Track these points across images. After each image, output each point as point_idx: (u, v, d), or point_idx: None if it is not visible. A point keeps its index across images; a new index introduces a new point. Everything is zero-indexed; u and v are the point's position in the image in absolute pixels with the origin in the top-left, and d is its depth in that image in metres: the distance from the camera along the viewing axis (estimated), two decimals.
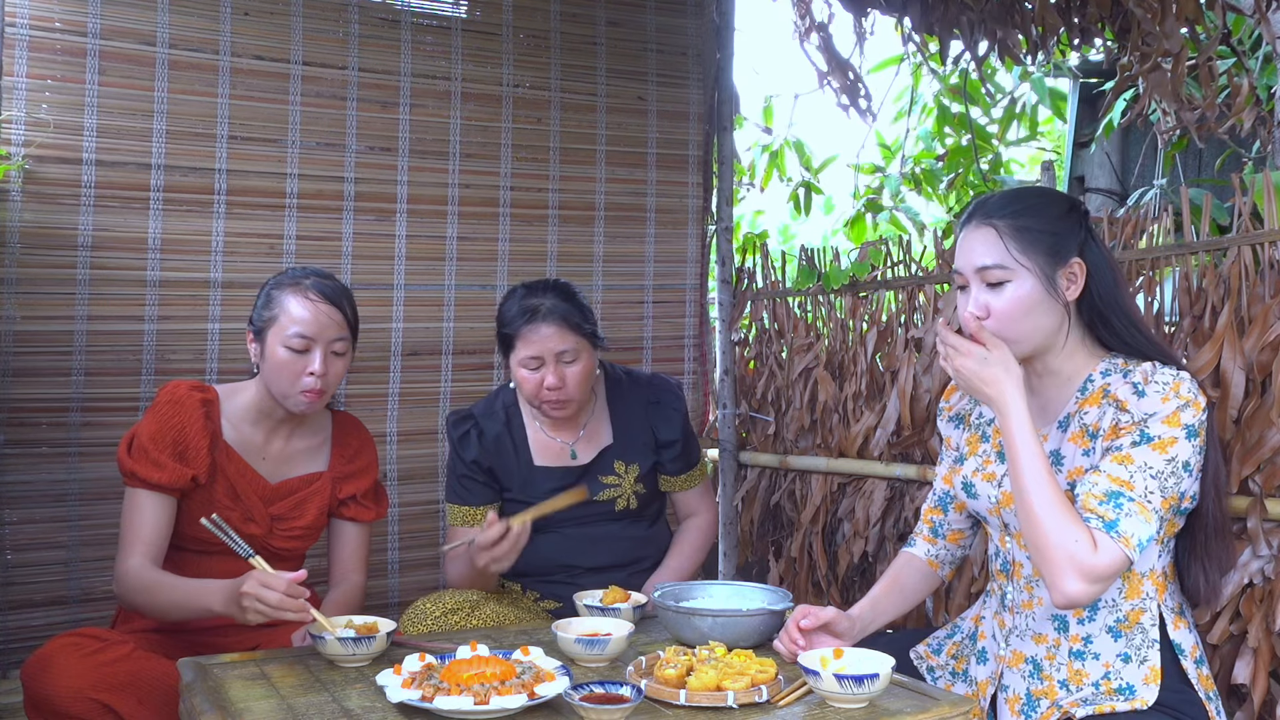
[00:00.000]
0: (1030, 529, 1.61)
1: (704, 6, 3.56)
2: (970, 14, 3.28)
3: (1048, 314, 1.73)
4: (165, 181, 2.84)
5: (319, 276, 2.22)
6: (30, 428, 2.72)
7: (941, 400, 2.08)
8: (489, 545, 2.13)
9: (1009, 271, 1.72)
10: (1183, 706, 1.68)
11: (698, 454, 2.55)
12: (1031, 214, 1.74)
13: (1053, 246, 1.72)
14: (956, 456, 2.02)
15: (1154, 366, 1.69)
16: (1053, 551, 1.58)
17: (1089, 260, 1.74)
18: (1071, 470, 1.73)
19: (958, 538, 2.05)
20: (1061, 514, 1.59)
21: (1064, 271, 1.73)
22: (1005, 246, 1.72)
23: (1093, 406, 1.74)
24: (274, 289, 2.20)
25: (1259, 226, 2.22)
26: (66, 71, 2.72)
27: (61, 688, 1.89)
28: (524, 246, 3.30)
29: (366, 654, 1.81)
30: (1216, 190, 4.17)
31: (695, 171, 3.55)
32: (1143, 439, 1.63)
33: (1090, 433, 1.72)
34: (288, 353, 2.14)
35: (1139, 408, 1.65)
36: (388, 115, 3.11)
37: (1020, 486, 1.64)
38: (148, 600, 2.05)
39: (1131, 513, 1.58)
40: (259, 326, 2.19)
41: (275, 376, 2.16)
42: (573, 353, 2.31)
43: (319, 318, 2.15)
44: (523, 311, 2.31)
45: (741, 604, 2.04)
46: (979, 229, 1.75)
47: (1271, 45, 3.14)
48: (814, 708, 1.60)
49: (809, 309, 3.32)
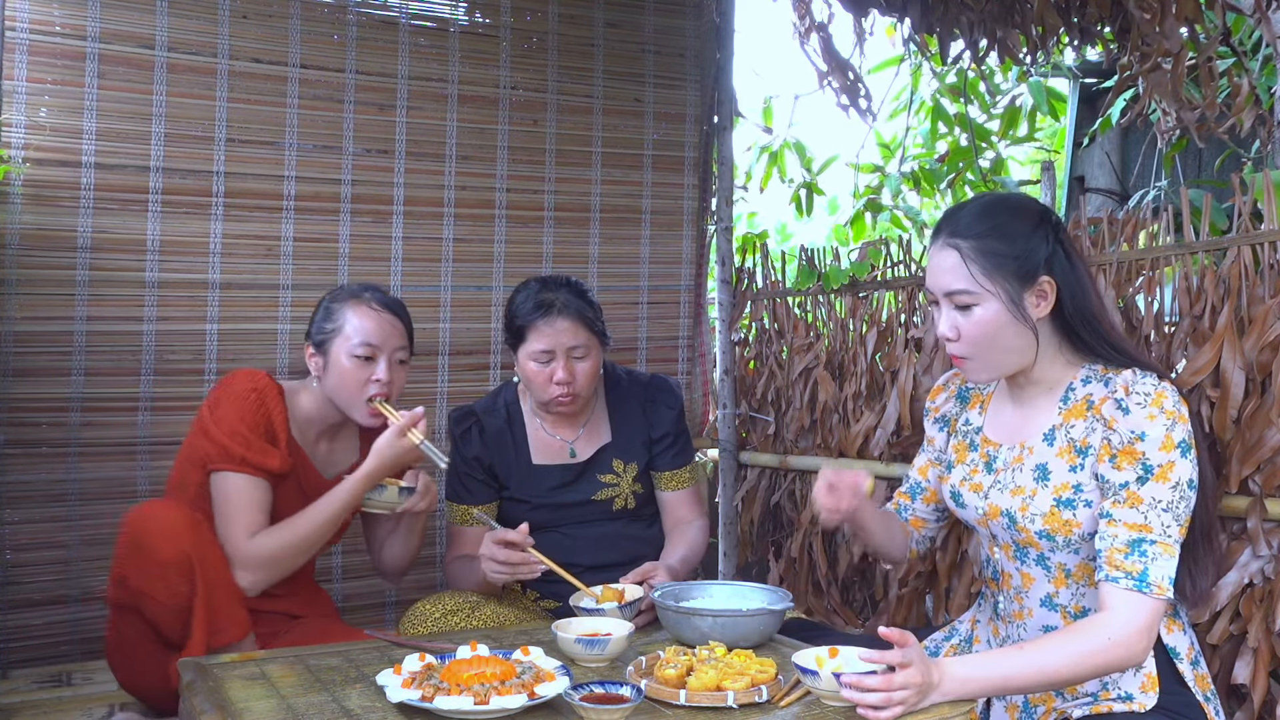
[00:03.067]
0: (1084, 676, 1.60)
1: (703, 7, 3.56)
2: (970, 14, 3.29)
3: (1017, 335, 1.72)
4: (164, 184, 2.84)
5: (375, 290, 2.29)
6: (30, 427, 2.72)
7: (929, 399, 2.08)
8: (502, 541, 2.13)
9: (974, 296, 1.70)
10: (1180, 709, 1.68)
11: (690, 455, 2.55)
12: (997, 235, 1.70)
13: (1019, 269, 1.69)
14: (937, 456, 2.02)
15: (1134, 375, 1.68)
16: (1105, 668, 1.58)
17: (1058, 276, 1.71)
18: (1058, 486, 1.71)
19: (920, 525, 2.09)
20: (1079, 657, 1.57)
21: (1032, 291, 1.70)
22: (969, 271, 1.70)
23: (1078, 420, 1.73)
24: (333, 303, 2.26)
25: (1259, 226, 2.22)
26: (66, 75, 2.72)
27: (167, 534, 1.98)
28: (520, 248, 3.31)
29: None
30: (1216, 190, 4.17)
31: (691, 173, 3.55)
32: (1146, 472, 1.62)
33: (1079, 448, 1.71)
34: (354, 362, 2.20)
35: (1126, 425, 1.64)
36: (385, 118, 3.11)
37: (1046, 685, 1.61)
38: (291, 549, 2.14)
39: (1156, 556, 1.59)
40: (320, 339, 2.24)
41: (341, 386, 2.22)
42: (584, 349, 2.32)
43: (383, 326, 2.23)
44: (538, 305, 2.31)
45: (741, 604, 2.03)
46: (944, 250, 1.73)
47: (1271, 45, 3.14)
48: (811, 707, 1.60)
49: (809, 309, 3.32)
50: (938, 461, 2.02)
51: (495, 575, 2.16)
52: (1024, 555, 1.77)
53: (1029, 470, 1.76)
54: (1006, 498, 1.76)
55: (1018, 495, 1.75)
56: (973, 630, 1.94)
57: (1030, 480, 1.75)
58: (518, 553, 2.13)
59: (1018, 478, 1.77)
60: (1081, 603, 1.73)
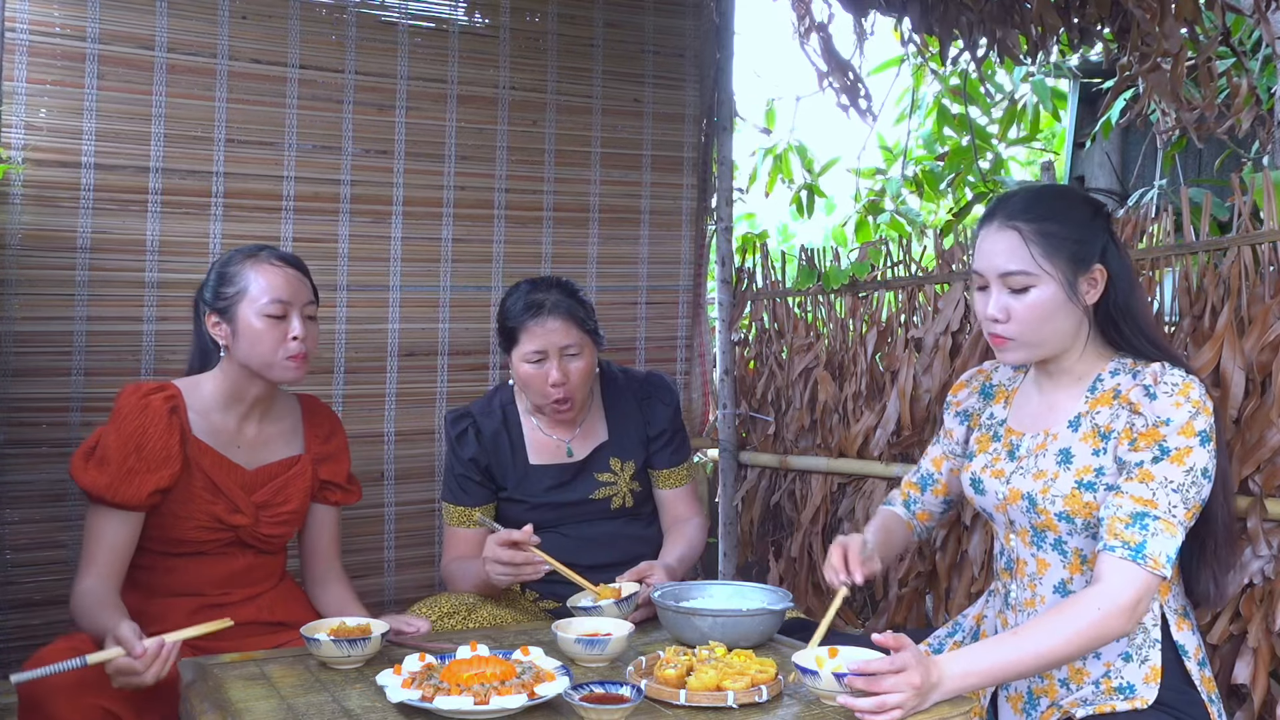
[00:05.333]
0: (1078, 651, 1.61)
1: (703, 7, 3.56)
2: (970, 14, 3.28)
3: (1067, 318, 1.73)
4: (163, 185, 2.84)
5: (270, 248, 2.22)
6: (30, 427, 2.71)
7: (950, 394, 2.08)
8: (506, 542, 2.11)
9: (1033, 277, 1.71)
10: (1185, 706, 1.68)
11: (687, 453, 2.55)
12: (1056, 219, 1.72)
13: (1077, 253, 1.71)
14: (953, 448, 2.03)
15: (1163, 367, 1.69)
16: (1098, 640, 1.59)
17: (1110, 266, 1.74)
18: (1080, 469, 1.73)
19: (925, 518, 2.10)
20: (1072, 634, 1.57)
21: (1086, 277, 1.72)
22: (1029, 252, 1.70)
23: (1104, 407, 1.74)
24: (228, 266, 2.18)
25: (1259, 226, 2.22)
26: (66, 76, 2.72)
27: (60, 696, 1.82)
28: (519, 248, 3.31)
29: (360, 656, 1.80)
30: (1216, 190, 4.17)
31: (690, 173, 3.55)
32: (1162, 453, 1.63)
33: (1102, 433, 1.72)
34: (265, 321, 2.12)
35: (1152, 410, 1.65)
36: (384, 118, 3.11)
37: (1045, 665, 1.61)
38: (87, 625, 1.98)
39: (1157, 531, 1.59)
40: (223, 305, 2.15)
41: (255, 349, 2.13)
42: (576, 348, 2.32)
43: (290, 282, 2.16)
44: (528, 306, 2.31)
45: (741, 604, 2.03)
46: (1002, 231, 1.73)
47: (1271, 45, 3.14)
48: (812, 706, 1.60)
49: (809, 309, 3.32)
50: (953, 454, 2.03)
51: (499, 577, 2.15)
52: (1041, 540, 1.78)
53: (1052, 455, 1.77)
54: (1029, 481, 1.77)
55: (1040, 479, 1.75)
56: (978, 625, 1.94)
57: (1053, 464, 1.76)
58: (522, 553, 2.12)
59: (1040, 462, 1.77)
60: None
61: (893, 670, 1.48)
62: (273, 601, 2.24)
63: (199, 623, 1.95)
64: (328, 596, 2.28)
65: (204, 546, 2.15)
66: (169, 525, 2.12)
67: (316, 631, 1.83)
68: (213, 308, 2.17)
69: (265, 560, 2.24)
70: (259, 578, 2.23)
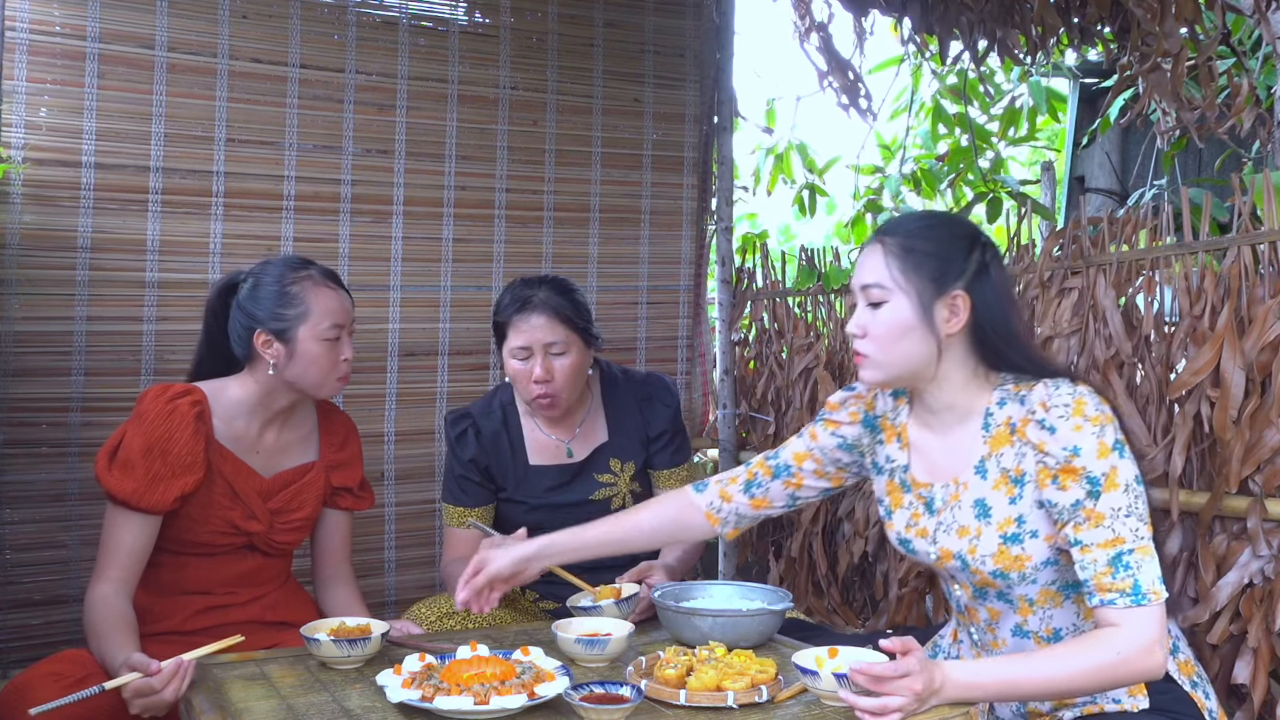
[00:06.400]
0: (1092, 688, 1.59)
1: (703, 7, 3.56)
2: (970, 14, 3.29)
3: (919, 343, 1.69)
4: (164, 184, 2.84)
5: (313, 265, 2.21)
6: (30, 427, 2.72)
7: (826, 408, 1.97)
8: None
9: (886, 292, 1.69)
10: (1173, 706, 1.67)
11: (688, 453, 2.55)
12: (923, 237, 1.70)
13: (935, 272, 1.67)
14: (822, 455, 1.95)
15: (1045, 389, 1.65)
16: (1120, 681, 1.58)
17: (977, 296, 1.69)
18: (1000, 522, 1.69)
19: (762, 505, 1.99)
20: (1091, 670, 1.55)
21: (944, 301, 1.68)
22: (887, 266, 1.69)
23: (1006, 447, 1.70)
24: (287, 285, 2.13)
25: (1259, 226, 2.22)
26: (66, 75, 2.72)
27: None
28: (519, 248, 3.31)
29: (360, 656, 1.81)
30: (1216, 190, 4.17)
31: (691, 173, 3.55)
32: (1094, 485, 1.59)
33: (1014, 477, 1.68)
34: (323, 345, 2.13)
35: (1056, 444, 1.61)
36: (384, 118, 3.11)
37: (1054, 695, 1.61)
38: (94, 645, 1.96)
39: (1139, 563, 1.57)
40: (281, 327, 2.11)
41: (309, 370, 2.13)
42: (561, 345, 2.31)
43: (345, 305, 2.19)
44: (515, 301, 2.33)
45: (741, 604, 2.03)
46: (870, 246, 1.74)
47: (1271, 45, 3.14)
48: (811, 707, 1.60)
49: (809, 309, 3.32)
50: (821, 459, 1.95)
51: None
52: (984, 594, 1.76)
53: (968, 507, 1.73)
54: (954, 539, 1.73)
55: (964, 536, 1.72)
56: (954, 644, 1.93)
57: (972, 519, 1.72)
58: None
59: (959, 516, 1.73)
60: (1051, 624, 1.71)
61: (897, 675, 1.48)
62: (276, 601, 2.24)
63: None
64: (333, 597, 2.28)
65: (215, 549, 2.15)
66: (185, 527, 2.11)
67: (316, 631, 1.83)
68: (267, 327, 2.12)
69: (272, 562, 2.24)
70: (265, 578, 2.23)
